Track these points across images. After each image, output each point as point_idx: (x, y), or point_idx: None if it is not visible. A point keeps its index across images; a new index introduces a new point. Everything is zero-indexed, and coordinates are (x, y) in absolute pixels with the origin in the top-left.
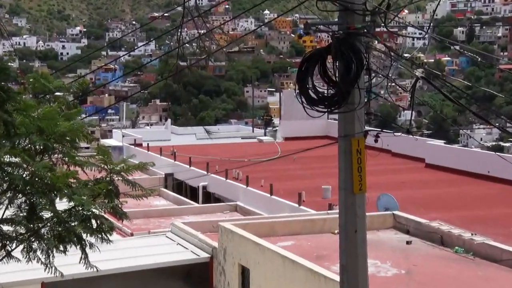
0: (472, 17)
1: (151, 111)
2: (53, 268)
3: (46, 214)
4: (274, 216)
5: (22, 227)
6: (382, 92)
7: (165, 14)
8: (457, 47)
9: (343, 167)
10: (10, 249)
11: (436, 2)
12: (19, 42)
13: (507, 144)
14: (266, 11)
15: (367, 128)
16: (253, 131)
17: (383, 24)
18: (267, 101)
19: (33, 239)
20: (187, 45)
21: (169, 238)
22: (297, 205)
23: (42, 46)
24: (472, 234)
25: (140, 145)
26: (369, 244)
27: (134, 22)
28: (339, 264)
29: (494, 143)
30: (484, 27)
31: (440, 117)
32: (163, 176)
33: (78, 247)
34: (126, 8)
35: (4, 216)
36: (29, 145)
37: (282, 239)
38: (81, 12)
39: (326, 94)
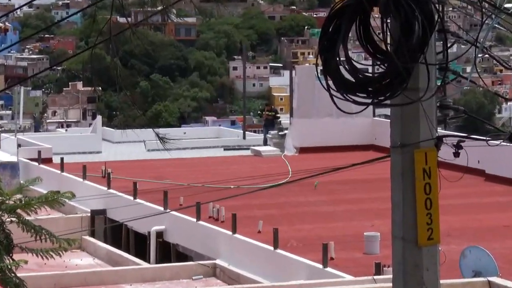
0: None
1: (68, 102)
2: None
3: None
4: (281, 286)
5: None
6: (468, 69)
7: None
8: None
9: (400, 200)
10: None
11: None
12: None
13: None
14: None
15: (440, 132)
16: (244, 137)
17: None
18: (268, 85)
19: None
20: None
21: None
22: (320, 266)
23: None
24: None
25: (49, 161)
26: None
27: None
28: None
29: None
30: None
31: None
32: (89, 215)
33: None
34: None
35: None
36: None
37: None
38: None
39: (370, 73)
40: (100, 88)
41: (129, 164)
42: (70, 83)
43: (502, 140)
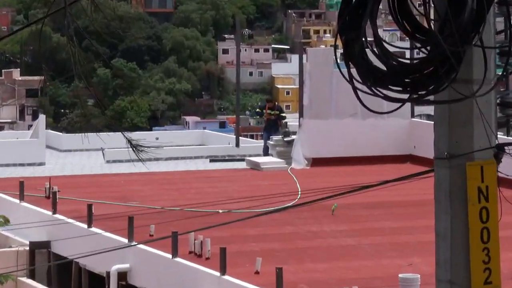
0: None
1: (1, 96)
2: None
3: None
4: None
5: None
6: None
7: None
8: None
9: (447, 230)
10: None
11: None
12: None
13: None
14: None
15: (502, 138)
16: (237, 144)
17: None
18: (270, 74)
19: None
20: None
21: None
22: None
23: None
24: None
25: None
26: None
27: None
28: None
29: None
30: None
31: None
32: (27, 248)
33: None
34: None
35: None
36: None
37: None
38: None
39: (407, 59)
40: (44, 77)
41: (82, 180)
42: (3, 70)
43: None
